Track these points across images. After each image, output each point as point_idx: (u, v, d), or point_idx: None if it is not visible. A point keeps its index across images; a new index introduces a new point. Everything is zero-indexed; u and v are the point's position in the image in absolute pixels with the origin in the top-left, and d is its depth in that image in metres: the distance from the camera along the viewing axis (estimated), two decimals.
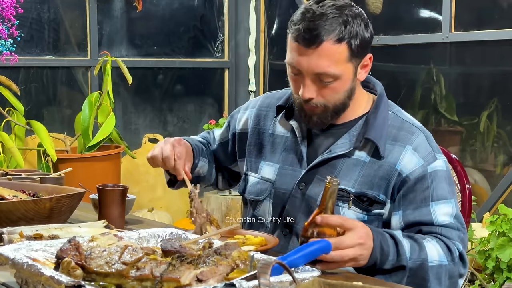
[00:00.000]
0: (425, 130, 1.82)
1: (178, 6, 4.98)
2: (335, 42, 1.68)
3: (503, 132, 3.84)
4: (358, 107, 1.83)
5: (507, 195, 3.76)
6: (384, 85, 1.93)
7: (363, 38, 1.72)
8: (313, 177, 1.80)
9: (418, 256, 1.62)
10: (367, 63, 1.79)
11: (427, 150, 1.76)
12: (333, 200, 1.49)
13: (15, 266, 1.30)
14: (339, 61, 1.70)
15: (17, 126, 3.75)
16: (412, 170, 1.73)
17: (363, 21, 1.73)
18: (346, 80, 1.74)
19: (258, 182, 1.92)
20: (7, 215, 1.78)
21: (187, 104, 5.07)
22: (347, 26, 1.69)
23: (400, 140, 1.76)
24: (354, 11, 1.72)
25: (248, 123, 1.99)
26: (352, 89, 1.78)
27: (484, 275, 3.28)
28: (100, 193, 1.96)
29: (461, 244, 1.71)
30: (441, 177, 1.73)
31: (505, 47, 3.78)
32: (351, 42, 1.70)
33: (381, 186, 1.74)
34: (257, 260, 1.32)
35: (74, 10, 4.56)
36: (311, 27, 1.67)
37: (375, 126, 1.77)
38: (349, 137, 1.79)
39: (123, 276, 1.24)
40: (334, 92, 1.74)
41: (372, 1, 4.34)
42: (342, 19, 1.69)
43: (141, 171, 4.61)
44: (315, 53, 1.69)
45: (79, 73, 4.59)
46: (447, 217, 1.71)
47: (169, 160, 1.84)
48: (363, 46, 1.74)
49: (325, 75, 1.71)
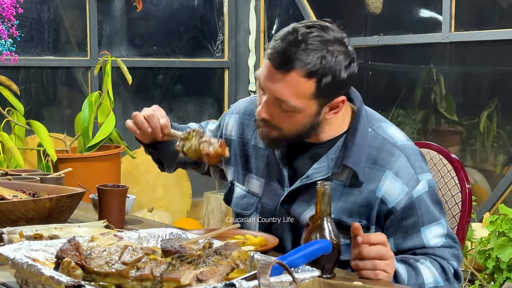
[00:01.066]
0: (407, 148, 1.73)
1: (178, 6, 4.98)
2: (304, 75, 1.59)
3: (503, 132, 3.84)
4: (335, 126, 1.75)
5: (507, 195, 3.76)
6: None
7: (337, 78, 1.62)
8: (296, 198, 1.78)
9: (416, 281, 1.61)
10: (338, 106, 1.68)
11: (409, 173, 1.68)
12: (328, 205, 1.48)
13: (15, 266, 1.30)
14: (303, 95, 1.62)
15: (17, 126, 3.75)
16: (397, 200, 1.67)
17: (345, 60, 1.62)
18: (307, 116, 1.66)
19: (245, 195, 1.89)
20: (7, 215, 1.78)
21: (187, 104, 5.06)
22: (323, 62, 1.59)
23: (380, 164, 1.69)
24: (338, 49, 1.61)
25: (233, 130, 1.94)
26: (312, 125, 1.69)
27: (484, 275, 3.28)
28: (100, 193, 1.96)
29: (455, 261, 1.70)
30: (426, 200, 1.69)
31: (505, 47, 3.78)
32: (322, 80, 1.60)
33: (362, 213, 1.70)
34: (257, 260, 1.32)
35: (74, 10, 4.56)
36: (286, 50, 1.59)
37: (353, 151, 1.69)
38: (327, 160, 1.72)
39: (123, 276, 1.24)
40: (291, 122, 1.67)
41: (372, 1, 4.34)
42: (321, 54, 1.59)
43: (141, 171, 4.61)
44: (281, 77, 1.61)
45: (79, 73, 4.59)
46: (438, 239, 1.69)
47: (153, 118, 1.79)
48: (335, 87, 1.64)
49: (285, 104, 1.64)
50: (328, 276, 1.47)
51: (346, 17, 4.67)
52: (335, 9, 4.70)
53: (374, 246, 1.50)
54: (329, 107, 1.68)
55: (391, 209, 1.68)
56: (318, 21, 1.67)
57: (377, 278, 1.51)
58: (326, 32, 1.62)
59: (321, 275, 1.35)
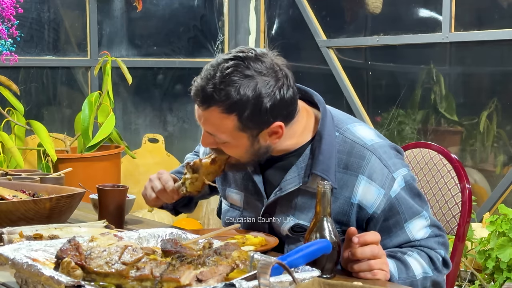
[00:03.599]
0: (378, 147, 1.70)
1: (178, 6, 4.98)
2: (222, 111, 1.59)
3: (503, 132, 3.84)
4: (299, 135, 1.72)
5: (507, 195, 3.76)
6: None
7: (260, 109, 1.58)
8: (275, 209, 1.78)
9: (407, 275, 1.62)
10: (277, 130, 1.64)
11: (383, 174, 1.67)
12: (328, 205, 1.48)
13: (15, 266, 1.30)
14: (227, 130, 1.62)
15: (17, 126, 3.75)
16: (376, 204, 1.66)
17: (268, 89, 1.58)
18: (243, 147, 1.66)
19: (228, 209, 1.92)
20: (7, 215, 1.78)
21: (187, 104, 5.06)
22: (238, 98, 1.57)
23: (351, 169, 1.67)
24: (259, 80, 1.58)
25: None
26: (256, 151, 1.68)
27: (484, 275, 3.28)
28: (100, 193, 1.96)
29: (442, 249, 1.70)
30: (405, 197, 1.68)
31: (505, 47, 3.78)
32: (242, 114, 1.58)
33: (340, 221, 1.69)
34: (257, 260, 1.32)
35: (74, 10, 4.56)
36: (204, 88, 1.60)
37: (320, 159, 1.67)
38: (298, 170, 1.71)
39: (123, 276, 1.24)
40: (234, 151, 1.69)
41: (372, 1, 4.34)
42: (236, 89, 1.57)
43: (141, 171, 4.61)
44: (205, 115, 1.63)
45: (79, 73, 4.59)
46: (423, 231, 1.70)
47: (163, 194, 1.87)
48: (260, 118, 1.60)
49: (216, 137, 1.66)
50: (328, 276, 1.47)
51: (346, 17, 4.67)
52: (335, 9, 4.70)
53: (366, 246, 1.51)
54: (267, 134, 1.65)
55: (372, 215, 1.68)
56: (243, 50, 1.63)
57: (375, 277, 1.51)
58: (246, 63, 1.59)
59: (321, 275, 1.35)
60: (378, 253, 1.52)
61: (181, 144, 5.05)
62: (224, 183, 1.92)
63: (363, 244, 1.50)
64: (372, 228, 1.69)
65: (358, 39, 4.47)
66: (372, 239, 1.52)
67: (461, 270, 3.38)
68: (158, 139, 4.72)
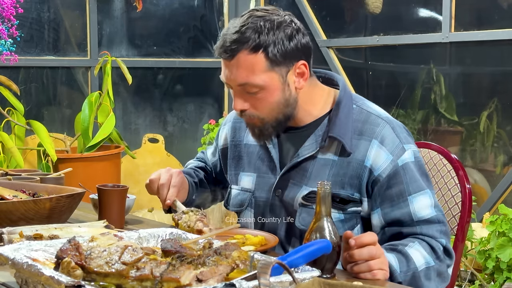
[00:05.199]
0: (392, 120, 1.79)
1: (178, 6, 4.98)
2: (250, 52, 1.69)
3: (503, 132, 3.84)
4: (318, 107, 1.82)
5: (507, 195, 3.76)
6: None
7: (285, 48, 1.70)
8: (287, 182, 1.81)
9: (408, 268, 1.62)
10: (302, 70, 1.75)
11: (395, 142, 1.73)
12: (328, 205, 1.49)
13: (15, 266, 1.30)
14: (258, 70, 1.70)
15: (17, 126, 3.75)
16: (382, 168, 1.71)
17: (283, 32, 1.70)
18: (274, 90, 1.73)
19: (238, 193, 1.93)
20: (7, 215, 1.78)
21: (187, 104, 5.07)
22: (261, 36, 1.69)
23: (366, 134, 1.75)
24: (275, 21, 1.71)
25: (227, 138, 2.02)
26: (287, 99, 1.75)
27: (484, 275, 3.28)
28: (100, 193, 1.96)
29: (444, 238, 1.70)
30: (412, 169, 1.72)
31: (505, 47, 3.78)
32: (268, 51, 1.69)
33: (353, 184, 1.74)
34: (257, 260, 1.32)
35: (74, 10, 4.56)
36: (228, 39, 1.71)
37: (337, 123, 1.75)
38: (315, 137, 1.79)
39: (123, 276, 1.24)
40: (264, 102, 1.74)
41: (372, 1, 4.34)
42: (258, 29, 1.69)
43: (141, 171, 4.61)
44: (233, 64, 1.72)
45: (79, 73, 4.59)
46: (427, 210, 1.70)
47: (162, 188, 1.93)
48: (287, 55, 1.71)
49: (247, 86, 1.72)
50: (328, 276, 1.47)
51: (346, 17, 4.67)
52: (335, 9, 4.70)
53: (364, 248, 1.51)
54: (294, 74, 1.75)
55: (377, 177, 1.72)
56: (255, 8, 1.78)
57: (375, 278, 1.51)
58: (262, 13, 1.73)
59: (321, 275, 1.35)
60: (376, 253, 1.52)
61: (181, 144, 5.05)
62: (237, 168, 1.95)
63: (360, 246, 1.51)
64: (376, 194, 1.72)
65: (358, 39, 4.47)
66: (369, 240, 1.52)
67: (461, 270, 3.38)
68: (158, 139, 4.72)
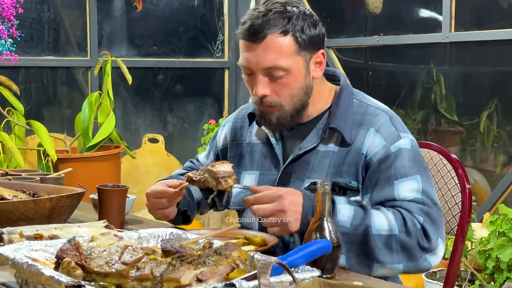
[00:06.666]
0: (391, 112, 1.83)
1: (178, 6, 4.98)
2: (280, 34, 1.72)
3: (503, 132, 3.84)
4: (322, 102, 1.85)
5: (507, 195, 3.76)
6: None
7: (310, 34, 1.75)
8: (290, 177, 1.82)
9: (361, 222, 1.61)
10: (321, 59, 1.80)
11: (390, 130, 1.76)
12: (328, 205, 1.48)
13: (15, 266, 1.30)
14: (287, 53, 1.73)
15: (17, 126, 3.75)
16: (374, 152, 1.73)
17: (308, 20, 1.75)
18: (298, 75, 1.76)
19: (240, 192, 1.93)
20: (7, 215, 1.78)
21: (187, 104, 5.07)
22: (291, 20, 1.73)
23: (364, 124, 1.78)
24: (299, 10, 1.76)
25: (226, 138, 2.02)
26: (307, 87, 1.79)
27: (484, 275, 3.28)
28: (100, 193, 1.96)
29: (422, 217, 1.66)
30: (404, 155, 1.73)
31: (505, 47, 3.78)
32: (297, 35, 1.73)
33: (351, 172, 1.75)
34: (257, 260, 1.32)
35: (74, 10, 4.56)
36: (255, 23, 1.72)
37: (337, 115, 1.78)
38: (317, 130, 1.81)
39: (123, 276, 1.24)
40: (287, 87, 1.75)
41: (372, 1, 4.34)
42: (285, 14, 1.73)
43: (141, 171, 4.61)
44: (261, 47, 1.72)
45: (79, 73, 4.59)
46: (411, 193, 1.69)
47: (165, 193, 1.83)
48: (311, 42, 1.76)
49: (274, 69, 1.73)
50: (328, 276, 1.47)
51: (346, 17, 4.67)
52: (335, 9, 4.70)
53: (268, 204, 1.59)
54: (314, 62, 1.79)
55: (368, 161, 1.73)
56: None
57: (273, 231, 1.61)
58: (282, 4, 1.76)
59: (321, 275, 1.35)
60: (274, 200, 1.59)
61: (181, 144, 5.05)
62: (239, 167, 1.95)
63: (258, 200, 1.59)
64: (367, 178, 1.73)
65: (358, 39, 4.47)
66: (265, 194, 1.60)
67: (461, 270, 3.37)
68: (158, 139, 4.72)
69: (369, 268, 1.62)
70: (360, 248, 1.61)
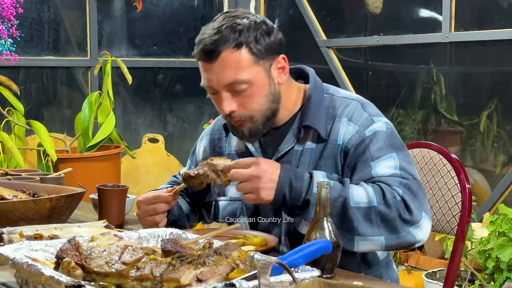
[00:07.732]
0: (362, 99, 1.84)
1: (178, 6, 4.98)
2: (233, 49, 1.70)
3: (503, 132, 3.84)
4: (293, 103, 1.84)
5: (507, 195, 3.76)
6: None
7: (265, 42, 1.73)
8: None
9: (339, 194, 1.61)
10: (282, 64, 1.78)
11: (362, 115, 1.77)
12: (328, 205, 1.48)
13: (15, 266, 1.30)
14: (245, 66, 1.71)
15: (17, 126, 3.75)
16: (349, 138, 1.74)
17: (259, 29, 1.73)
18: (261, 84, 1.74)
19: (228, 204, 1.92)
20: (7, 215, 1.78)
21: (187, 104, 5.07)
22: (242, 33, 1.71)
23: (337, 116, 1.79)
24: (249, 20, 1.73)
25: (206, 151, 2.00)
26: (273, 94, 1.77)
27: (484, 275, 3.28)
28: (100, 193, 1.96)
29: (401, 189, 1.64)
30: (379, 138, 1.73)
31: (505, 47, 3.78)
32: (251, 46, 1.71)
33: (329, 165, 1.76)
34: (257, 260, 1.32)
35: (74, 10, 4.56)
36: (208, 42, 1.71)
37: (310, 113, 1.79)
38: (292, 131, 1.82)
39: (123, 276, 1.24)
40: (252, 99, 1.74)
41: (372, 1, 4.34)
42: (236, 28, 1.71)
43: (141, 171, 4.61)
44: (218, 65, 1.71)
45: (79, 73, 4.59)
46: (389, 169, 1.69)
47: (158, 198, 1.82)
48: (268, 49, 1.74)
49: (235, 84, 1.72)
50: (328, 276, 1.47)
51: (346, 17, 4.67)
52: (335, 9, 4.70)
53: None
54: (276, 69, 1.77)
55: (345, 149, 1.75)
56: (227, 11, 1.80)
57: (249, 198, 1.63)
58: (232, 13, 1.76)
59: (321, 275, 1.35)
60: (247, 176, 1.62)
61: (181, 144, 5.05)
62: None
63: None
64: (346, 167, 1.74)
65: (358, 39, 4.47)
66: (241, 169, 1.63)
67: (461, 270, 3.37)
68: (158, 139, 4.72)
69: (350, 242, 1.62)
70: (340, 220, 1.60)
